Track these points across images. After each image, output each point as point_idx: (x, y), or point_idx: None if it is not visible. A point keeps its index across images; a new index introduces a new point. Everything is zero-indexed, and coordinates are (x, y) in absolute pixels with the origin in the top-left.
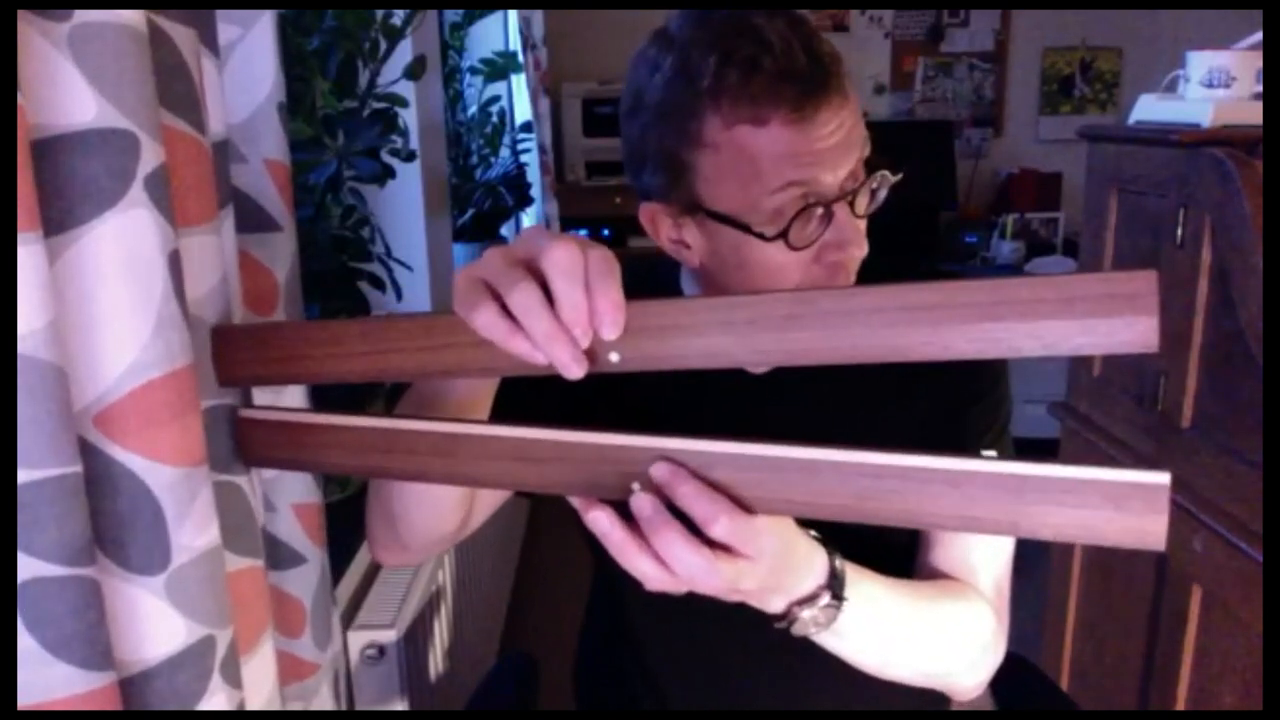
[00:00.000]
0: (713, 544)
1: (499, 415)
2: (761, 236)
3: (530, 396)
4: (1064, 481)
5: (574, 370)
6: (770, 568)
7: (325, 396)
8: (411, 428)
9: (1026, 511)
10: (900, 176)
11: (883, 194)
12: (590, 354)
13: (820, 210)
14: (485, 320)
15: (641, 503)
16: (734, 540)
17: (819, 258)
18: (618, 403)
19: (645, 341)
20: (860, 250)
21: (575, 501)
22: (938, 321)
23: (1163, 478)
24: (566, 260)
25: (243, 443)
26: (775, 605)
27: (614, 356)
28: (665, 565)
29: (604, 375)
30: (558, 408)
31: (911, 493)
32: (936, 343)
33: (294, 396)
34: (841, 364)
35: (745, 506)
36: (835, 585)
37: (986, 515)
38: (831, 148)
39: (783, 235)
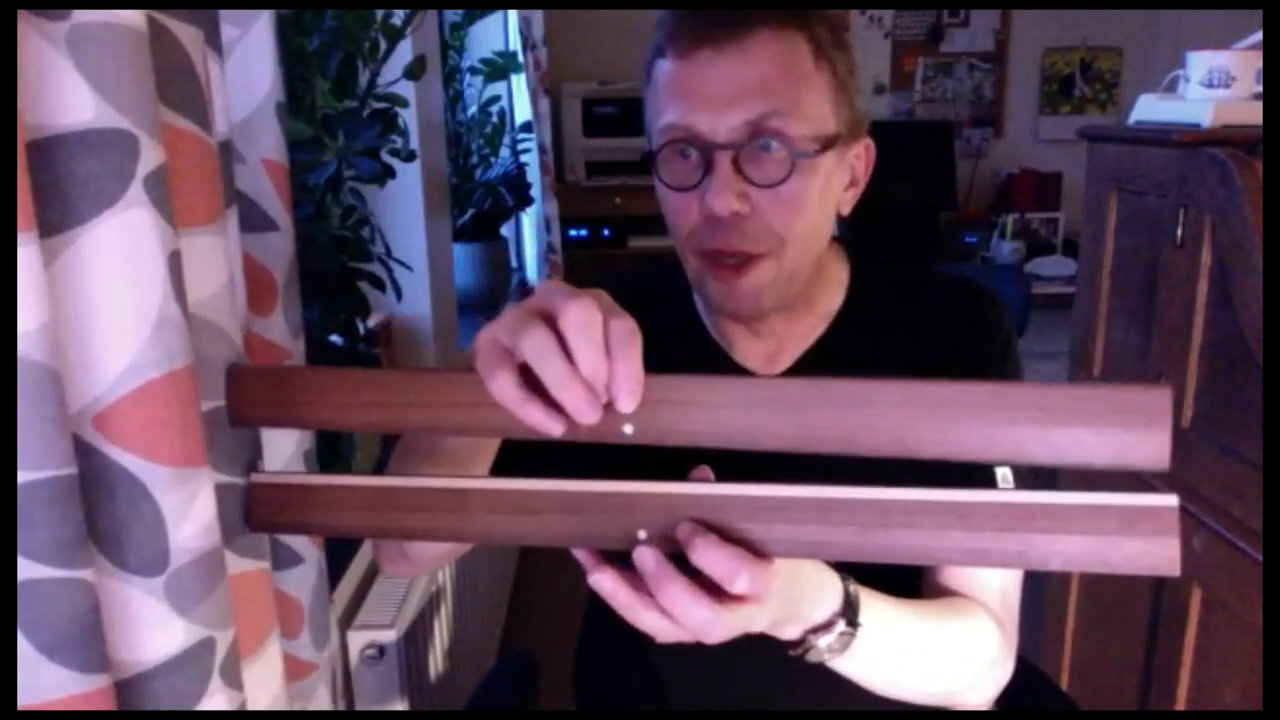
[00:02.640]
0: (719, 591)
1: (503, 457)
2: (643, 156)
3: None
4: (1071, 509)
5: (587, 415)
6: (779, 604)
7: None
8: (418, 485)
9: (1035, 540)
10: (782, 146)
11: (772, 168)
12: (602, 427)
13: (694, 153)
14: (500, 387)
15: (645, 558)
16: (753, 590)
17: (700, 205)
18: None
19: (660, 415)
20: (721, 206)
21: (580, 557)
22: (951, 420)
23: (1170, 499)
24: (584, 319)
25: (250, 507)
26: (790, 633)
27: (628, 429)
28: (673, 619)
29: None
30: (561, 447)
31: (920, 527)
32: (949, 441)
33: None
34: (863, 453)
35: (755, 548)
36: (850, 612)
37: (995, 547)
38: (711, 94)
39: (650, 158)
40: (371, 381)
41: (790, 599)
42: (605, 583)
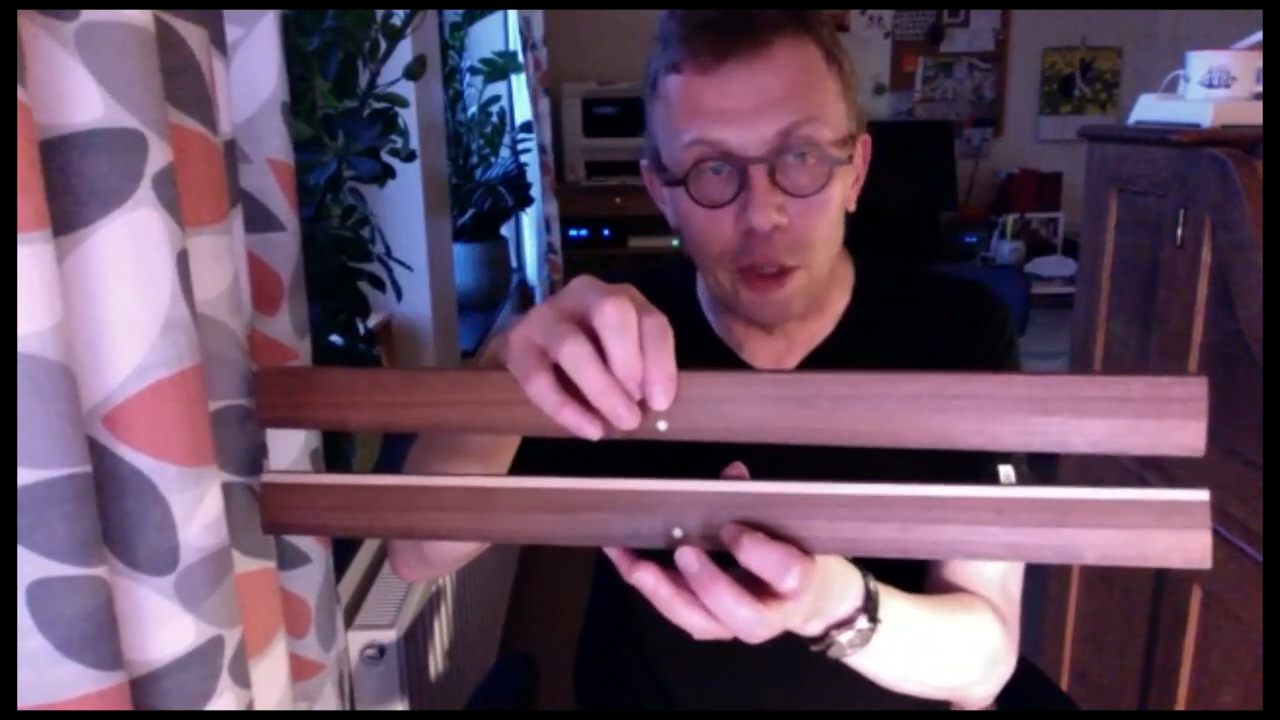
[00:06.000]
0: (756, 586)
1: (524, 453)
2: (669, 182)
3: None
4: (1105, 503)
5: (626, 421)
6: (814, 599)
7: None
8: (440, 484)
9: (1071, 535)
10: (836, 158)
11: (806, 177)
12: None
13: (727, 169)
14: (538, 390)
15: (687, 559)
16: (799, 588)
17: (737, 221)
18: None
19: (693, 411)
20: (763, 221)
21: (614, 556)
22: (986, 412)
23: (1201, 495)
24: (619, 317)
25: (263, 508)
26: (813, 629)
27: (662, 425)
28: (716, 618)
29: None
30: (584, 442)
31: (958, 523)
32: (984, 433)
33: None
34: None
35: (798, 545)
36: (871, 607)
37: (1030, 542)
38: (738, 108)
39: (682, 182)
40: (403, 381)
41: (820, 594)
42: (648, 580)
